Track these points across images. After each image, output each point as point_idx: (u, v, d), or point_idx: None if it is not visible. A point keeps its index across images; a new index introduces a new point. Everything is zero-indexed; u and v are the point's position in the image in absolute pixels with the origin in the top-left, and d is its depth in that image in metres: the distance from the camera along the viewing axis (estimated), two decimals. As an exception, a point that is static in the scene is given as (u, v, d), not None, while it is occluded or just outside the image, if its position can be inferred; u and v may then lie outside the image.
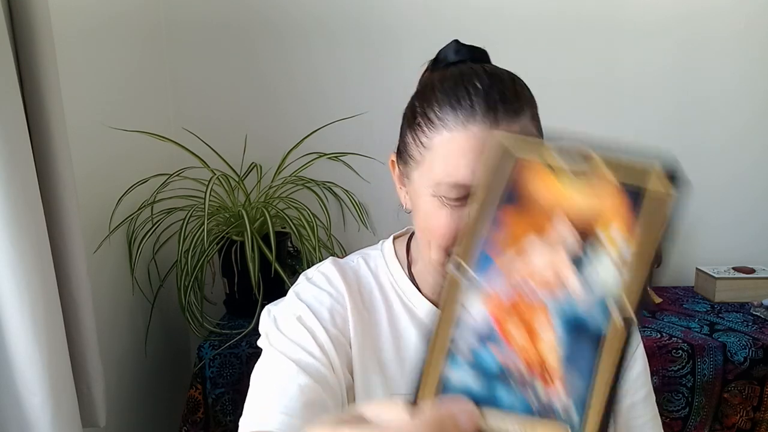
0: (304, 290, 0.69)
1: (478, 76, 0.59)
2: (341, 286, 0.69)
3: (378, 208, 1.65)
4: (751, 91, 1.64)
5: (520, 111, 0.58)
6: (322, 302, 0.67)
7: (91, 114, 1.19)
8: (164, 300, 1.46)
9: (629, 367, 0.74)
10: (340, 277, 0.69)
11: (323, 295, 0.68)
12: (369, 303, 0.70)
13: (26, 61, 0.83)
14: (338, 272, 0.70)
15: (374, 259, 0.74)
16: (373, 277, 0.72)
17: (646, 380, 0.76)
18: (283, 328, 0.66)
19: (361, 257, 0.75)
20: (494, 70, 0.61)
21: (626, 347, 0.29)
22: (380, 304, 0.70)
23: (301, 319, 0.65)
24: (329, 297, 0.68)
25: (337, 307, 0.67)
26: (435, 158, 0.59)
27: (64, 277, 0.89)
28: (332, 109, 1.57)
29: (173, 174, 1.36)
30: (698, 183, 1.88)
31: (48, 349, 0.79)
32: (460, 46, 0.65)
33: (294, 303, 0.68)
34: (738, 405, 1.30)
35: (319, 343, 0.64)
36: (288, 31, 1.58)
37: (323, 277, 0.70)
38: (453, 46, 0.66)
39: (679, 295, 1.62)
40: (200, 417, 1.26)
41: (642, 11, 1.59)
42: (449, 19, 1.57)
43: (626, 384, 0.74)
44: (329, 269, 0.71)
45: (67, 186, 0.88)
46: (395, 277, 0.72)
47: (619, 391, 0.29)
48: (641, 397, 0.75)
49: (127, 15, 1.36)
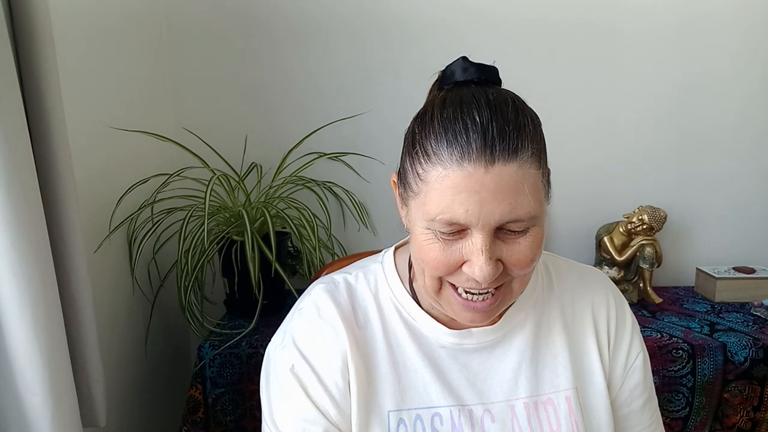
0: (301, 339, 0.70)
1: (479, 107, 0.56)
2: (335, 319, 0.69)
3: (378, 208, 1.66)
4: (753, 92, 1.64)
5: (519, 149, 0.55)
6: (320, 354, 0.68)
7: (92, 114, 1.19)
8: (164, 300, 1.46)
9: (626, 378, 0.75)
10: (334, 307, 0.70)
11: (318, 340, 0.69)
12: (364, 321, 0.71)
13: (26, 61, 0.83)
14: (332, 303, 0.71)
15: (374, 273, 0.74)
16: (371, 293, 0.73)
17: (644, 389, 0.76)
18: (281, 411, 0.69)
19: (360, 271, 0.75)
20: (498, 98, 0.58)
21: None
22: (376, 320, 0.71)
23: (300, 385, 0.68)
24: (324, 343, 0.69)
25: (334, 348, 0.68)
26: (429, 192, 0.58)
27: (64, 277, 0.89)
28: (332, 109, 1.57)
29: (173, 174, 1.36)
30: (699, 183, 1.89)
31: (48, 349, 0.79)
32: (468, 65, 0.62)
33: (290, 361, 0.69)
34: (738, 405, 1.30)
35: (322, 408, 0.67)
36: (288, 31, 1.58)
37: (316, 313, 0.71)
38: (460, 63, 0.62)
39: (680, 295, 1.62)
40: (200, 417, 1.26)
41: (642, 20, 1.58)
42: (449, 20, 1.57)
43: (622, 395, 0.75)
44: (321, 301, 0.71)
45: (67, 186, 0.88)
46: (395, 292, 0.72)
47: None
48: (639, 406, 0.76)
49: (128, 15, 1.36)
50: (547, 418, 0.69)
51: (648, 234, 1.53)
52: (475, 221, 0.56)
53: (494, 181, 0.55)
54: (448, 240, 0.59)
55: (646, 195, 1.65)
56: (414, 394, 0.68)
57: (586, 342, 0.73)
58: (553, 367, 0.71)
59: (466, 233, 0.58)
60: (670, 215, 1.58)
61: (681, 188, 1.68)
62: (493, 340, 0.71)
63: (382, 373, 0.69)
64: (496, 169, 0.54)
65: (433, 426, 0.67)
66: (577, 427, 0.69)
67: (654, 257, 1.52)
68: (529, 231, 0.59)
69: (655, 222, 1.51)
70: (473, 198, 0.55)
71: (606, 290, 0.77)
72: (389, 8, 1.57)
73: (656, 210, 1.53)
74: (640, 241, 1.52)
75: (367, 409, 0.67)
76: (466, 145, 0.55)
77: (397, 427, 0.67)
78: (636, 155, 1.66)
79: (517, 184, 0.55)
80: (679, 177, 1.68)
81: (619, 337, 0.75)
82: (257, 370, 1.25)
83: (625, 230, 1.55)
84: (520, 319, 0.72)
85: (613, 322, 0.75)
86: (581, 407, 0.70)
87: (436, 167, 0.57)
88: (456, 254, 0.59)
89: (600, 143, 1.66)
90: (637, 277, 1.56)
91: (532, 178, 0.57)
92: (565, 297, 0.75)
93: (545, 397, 0.70)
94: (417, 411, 0.68)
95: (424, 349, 0.70)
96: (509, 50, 1.58)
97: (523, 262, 0.59)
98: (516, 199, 0.55)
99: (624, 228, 1.55)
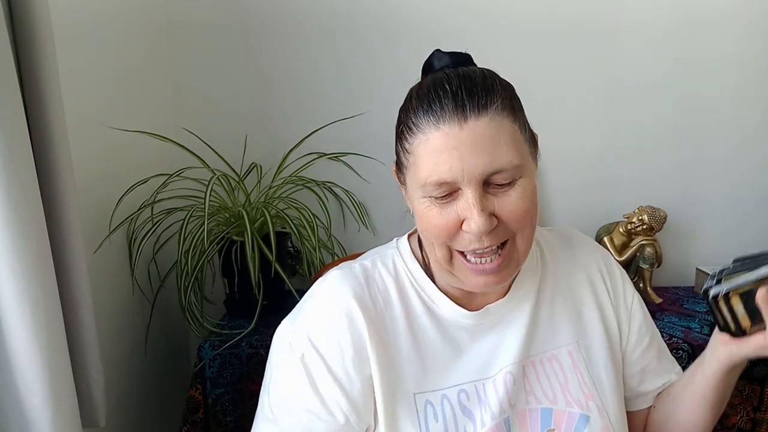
0: (313, 326, 0.69)
1: (449, 79, 0.62)
2: (351, 304, 0.69)
3: (378, 208, 1.65)
4: (753, 92, 1.63)
5: (489, 104, 0.61)
6: (331, 342, 0.68)
7: (92, 114, 1.19)
8: (164, 300, 1.46)
9: (629, 320, 0.80)
10: (350, 291, 0.70)
11: (329, 327, 0.68)
12: (384, 305, 0.71)
13: (26, 61, 0.83)
14: (348, 288, 0.70)
15: (391, 257, 0.76)
16: (392, 277, 0.73)
17: (647, 329, 0.82)
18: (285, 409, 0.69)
19: (377, 257, 0.76)
20: (468, 71, 0.64)
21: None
22: (397, 303, 0.71)
23: (308, 377, 0.67)
24: (337, 331, 0.68)
25: (346, 336, 0.68)
26: (417, 161, 0.63)
27: (64, 277, 0.89)
28: (332, 109, 1.57)
29: (173, 174, 1.36)
30: (698, 183, 1.88)
31: (48, 349, 0.79)
32: (442, 54, 0.69)
33: (300, 350, 0.68)
34: (738, 405, 1.30)
35: (329, 401, 0.67)
36: (288, 31, 1.58)
37: (328, 299, 0.70)
38: (435, 54, 0.70)
39: (680, 295, 1.62)
40: (200, 417, 1.26)
41: (642, 15, 1.58)
42: (449, 20, 1.57)
43: (633, 338, 0.80)
44: (336, 287, 0.71)
45: (67, 186, 0.88)
46: (414, 275, 0.74)
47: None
48: (647, 343, 0.81)
49: (128, 15, 1.36)
50: (554, 373, 0.73)
51: (648, 234, 1.53)
52: (461, 176, 0.60)
53: (470, 136, 0.60)
54: (443, 203, 0.63)
55: (646, 195, 1.65)
56: (438, 375, 0.69)
57: (583, 299, 0.78)
58: (555, 325, 0.76)
59: (458, 194, 0.62)
60: (670, 215, 1.58)
61: (681, 188, 1.68)
62: (506, 312, 0.74)
63: (404, 356, 0.69)
64: (469, 124, 0.60)
65: (460, 403, 0.69)
66: (582, 377, 0.73)
67: (654, 257, 1.52)
68: (517, 183, 0.62)
69: (655, 222, 1.51)
70: (454, 155, 0.60)
71: (592, 248, 0.84)
72: (390, 8, 1.57)
73: (656, 210, 1.52)
74: (640, 242, 1.52)
75: (393, 393, 0.67)
76: (440, 110, 0.61)
77: (425, 408, 0.68)
78: (636, 155, 1.66)
79: (492, 136, 0.60)
80: (680, 177, 1.68)
81: (615, 286, 0.81)
82: (257, 370, 1.25)
83: (625, 230, 1.55)
84: (526, 288, 0.76)
85: (606, 275, 0.81)
86: (585, 359, 0.75)
87: (417, 136, 0.63)
88: (452, 215, 0.62)
89: (600, 143, 1.66)
90: (637, 278, 1.56)
91: (508, 130, 0.62)
92: (558, 262, 0.80)
93: (550, 353, 0.74)
94: (442, 391, 0.69)
95: (445, 331, 0.72)
96: (512, 48, 1.58)
97: (517, 214, 0.62)
98: (494, 150, 0.60)
99: (624, 228, 1.55)
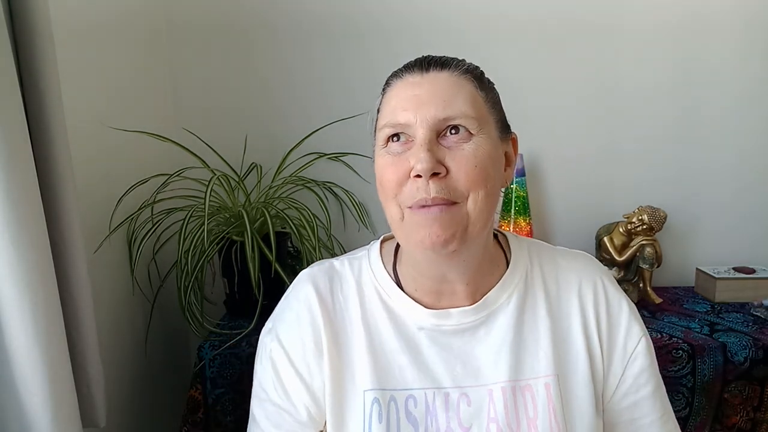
0: (280, 322, 0.75)
1: (421, 57, 0.69)
2: (313, 301, 0.73)
3: (378, 208, 1.64)
4: (752, 92, 1.63)
5: (452, 65, 0.67)
6: (294, 337, 0.73)
7: (91, 114, 1.19)
8: (164, 300, 1.46)
9: (628, 364, 0.73)
10: (312, 289, 0.74)
11: (293, 322, 0.74)
12: (343, 304, 0.74)
13: (26, 61, 0.83)
14: (311, 285, 0.75)
15: (359, 259, 0.78)
16: (353, 278, 0.76)
17: (650, 376, 0.73)
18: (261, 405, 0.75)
19: (347, 259, 0.79)
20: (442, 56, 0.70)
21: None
22: (355, 304, 0.74)
23: (274, 370, 0.73)
24: (299, 327, 0.73)
25: (308, 330, 0.72)
26: (382, 110, 0.69)
27: (64, 277, 0.88)
28: (332, 109, 1.57)
29: (173, 174, 1.36)
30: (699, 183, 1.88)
31: (48, 349, 0.79)
32: (425, 56, 0.72)
33: (269, 346, 0.74)
34: (738, 405, 1.30)
35: (292, 394, 0.72)
36: (288, 31, 1.58)
37: (295, 297, 0.76)
38: (418, 57, 0.73)
39: (680, 295, 1.62)
40: (200, 417, 1.26)
41: (641, 18, 1.58)
42: (449, 20, 1.57)
43: (626, 382, 0.73)
44: (301, 285, 0.76)
45: (67, 186, 0.88)
46: (376, 275, 0.75)
47: None
48: (648, 393, 0.73)
49: (128, 15, 1.36)
50: (524, 404, 0.68)
51: (648, 234, 1.53)
52: (413, 118, 0.63)
53: (429, 82, 0.65)
54: (398, 153, 0.65)
55: (646, 195, 1.65)
56: (389, 376, 0.69)
57: (571, 328, 0.72)
58: (535, 352, 0.70)
59: (412, 143, 0.64)
60: (670, 215, 1.58)
61: (681, 188, 1.68)
62: (474, 322, 0.70)
63: (358, 355, 0.71)
64: (430, 74, 0.66)
65: (406, 408, 0.68)
66: (555, 414, 0.68)
67: (654, 257, 1.52)
68: (473, 139, 0.64)
69: (655, 222, 1.51)
70: (412, 100, 0.64)
71: (594, 275, 0.76)
72: (389, 8, 1.57)
73: (656, 210, 1.52)
74: (640, 242, 1.52)
75: (341, 388, 0.70)
76: (406, 67, 0.68)
77: (371, 406, 0.68)
78: (636, 155, 1.66)
79: (451, 87, 0.65)
80: (680, 177, 1.68)
81: (614, 323, 0.73)
82: (257, 370, 1.25)
83: (625, 230, 1.55)
84: (503, 302, 0.71)
85: (603, 308, 0.74)
86: (561, 395, 0.69)
87: (386, 92, 0.69)
88: (405, 163, 0.64)
89: (600, 143, 1.66)
90: (637, 278, 1.56)
91: (468, 89, 0.65)
92: (550, 282, 0.74)
93: (524, 382, 0.69)
94: (391, 392, 0.69)
95: (402, 332, 0.71)
96: (511, 49, 1.58)
97: (467, 168, 0.63)
98: (450, 99, 0.64)
99: (624, 228, 1.55)
